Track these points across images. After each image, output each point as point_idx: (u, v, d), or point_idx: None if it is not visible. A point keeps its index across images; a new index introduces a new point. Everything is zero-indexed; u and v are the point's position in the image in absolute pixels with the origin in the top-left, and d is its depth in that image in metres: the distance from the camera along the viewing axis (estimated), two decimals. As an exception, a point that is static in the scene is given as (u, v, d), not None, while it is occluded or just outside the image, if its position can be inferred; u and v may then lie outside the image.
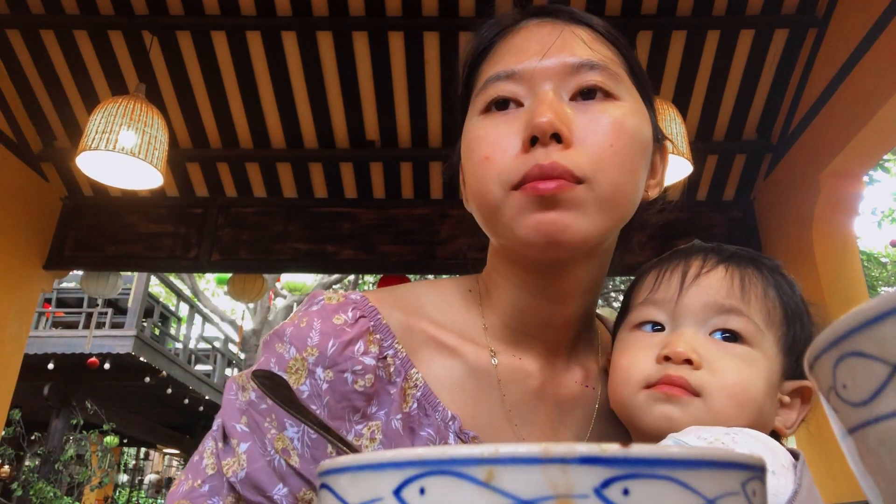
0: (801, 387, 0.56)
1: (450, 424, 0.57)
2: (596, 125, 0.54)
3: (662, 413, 0.53)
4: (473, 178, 0.57)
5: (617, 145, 0.54)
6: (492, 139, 0.56)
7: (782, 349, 0.55)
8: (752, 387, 0.53)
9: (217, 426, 0.58)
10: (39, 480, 7.85)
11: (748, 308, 0.55)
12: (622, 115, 0.55)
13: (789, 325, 0.56)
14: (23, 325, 3.67)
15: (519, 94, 0.57)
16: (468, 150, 0.58)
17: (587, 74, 0.56)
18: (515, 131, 0.55)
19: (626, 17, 3.09)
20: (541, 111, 0.53)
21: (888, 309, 0.20)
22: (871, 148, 2.86)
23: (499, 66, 0.58)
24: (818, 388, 0.25)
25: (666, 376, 0.53)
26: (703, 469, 0.20)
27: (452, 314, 0.64)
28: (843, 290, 2.99)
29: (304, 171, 3.73)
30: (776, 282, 0.58)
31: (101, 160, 2.73)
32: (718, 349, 0.54)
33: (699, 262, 0.58)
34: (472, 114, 0.60)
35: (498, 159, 0.55)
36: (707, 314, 0.55)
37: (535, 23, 0.60)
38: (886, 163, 9.73)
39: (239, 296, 4.51)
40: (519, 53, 0.58)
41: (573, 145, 0.53)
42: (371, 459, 0.22)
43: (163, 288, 12.32)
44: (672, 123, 2.65)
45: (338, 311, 0.59)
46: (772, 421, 0.55)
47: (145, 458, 14.12)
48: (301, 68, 3.30)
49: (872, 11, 2.63)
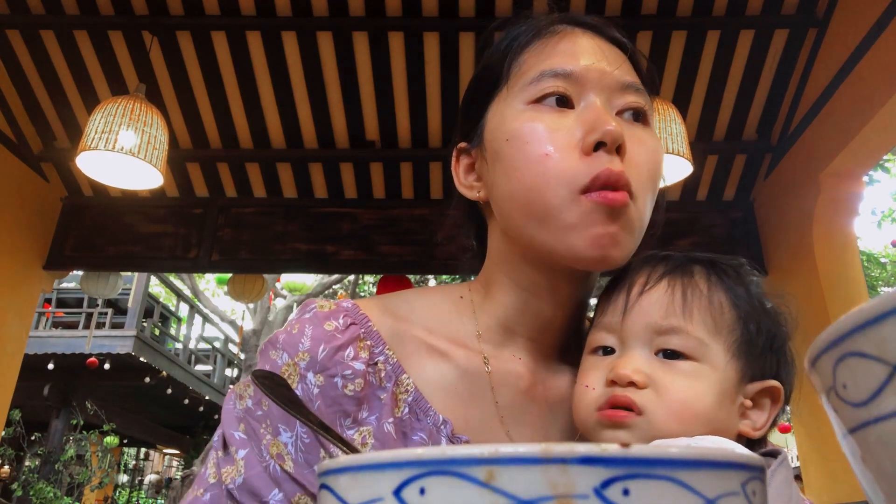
0: (766, 387, 0.56)
1: (441, 429, 0.58)
2: (641, 148, 0.57)
3: (611, 438, 0.54)
4: (527, 174, 0.56)
5: (653, 172, 0.58)
6: (549, 135, 0.56)
7: (735, 354, 0.55)
8: (697, 402, 0.53)
9: (218, 436, 0.59)
10: (39, 481, 7.85)
11: (689, 323, 0.55)
12: (657, 144, 0.60)
13: (744, 328, 0.56)
14: (23, 325, 3.67)
15: (573, 94, 0.58)
16: (518, 140, 0.57)
17: (633, 96, 0.59)
18: (571, 130, 0.56)
19: (626, 17, 3.10)
20: (607, 119, 0.55)
21: (888, 309, 0.20)
22: (871, 148, 2.86)
23: (553, 61, 0.59)
24: (818, 388, 0.25)
25: (612, 397, 0.55)
26: (703, 469, 0.20)
27: (443, 319, 0.65)
28: (843, 290, 2.99)
29: (304, 171, 3.74)
30: (727, 286, 0.57)
31: (101, 160, 2.73)
32: (662, 368, 0.54)
33: (642, 280, 0.57)
34: (514, 101, 0.60)
35: (561, 158, 0.55)
36: (649, 335, 0.55)
37: (580, 30, 0.62)
38: (886, 163, 9.73)
39: (239, 296, 4.51)
40: (572, 57, 0.59)
41: (625, 160, 0.56)
42: (371, 459, 0.22)
43: (163, 288, 12.31)
44: (672, 123, 2.65)
45: (329, 318, 0.60)
46: (732, 427, 0.55)
47: (145, 458, 14.11)
48: (301, 68, 3.30)
49: (872, 12, 2.63)
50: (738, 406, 0.55)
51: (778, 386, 0.56)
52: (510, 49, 0.63)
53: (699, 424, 0.53)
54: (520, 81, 0.60)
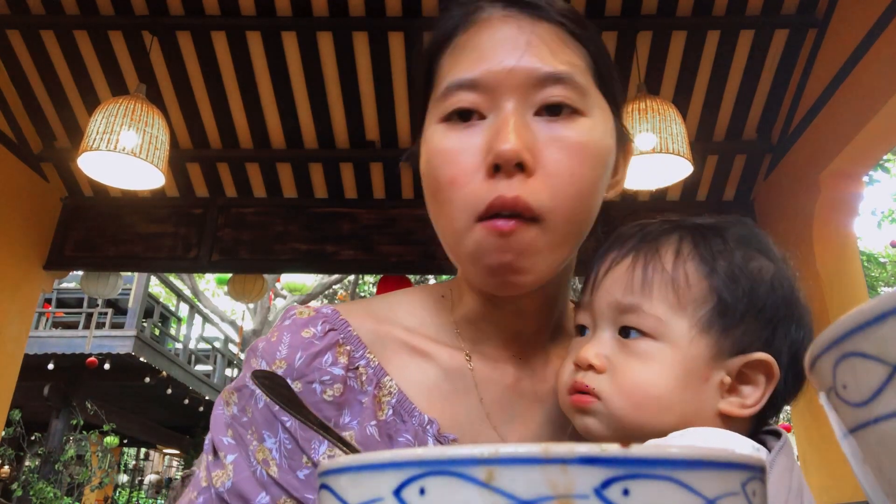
0: (754, 361, 0.51)
1: (427, 429, 0.58)
2: (559, 148, 0.53)
3: (581, 424, 0.54)
4: (439, 202, 0.56)
5: (578, 172, 0.53)
6: (456, 158, 0.54)
7: (704, 329, 0.51)
8: (652, 384, 0.51)
9: (209, 440, 0.60)
10: (39, 481, 7.85)
11: (649, 301, 0.52)
12: (586, 135, 0.54)
13: (719, 299, 0.52)
14: (23, 326, 3.67)
15: (481, 105, 0.54)
16: (431, 164, 0.56)
17: (553, 89, 0.53)
18: (479, 149, 0.53)
19: (626, 17, 3.10)
20: (504, 136, 0.51)
21: (888, 309, 0.20)
22: (871, 148, 2.86)
23: (460, 68, 0.55)
24: (818, 388, 0.25)
25: (574, 383, 0.54)
26: (704, 469, 0.20)
27: (425, 319, 0.65)
28: (843, 290, 2.99)
29: (304, 171, 3.74)
30: (703, 255, 0.53)
31: (102, 160, 2.73)
32: (621, 350, 0.53)
33: (612, 254, 0.56)
34: (432, 117, 0.57)
35: (463, 184, 0.53)
36: (613, 314, 0.54)
37: (499, 16, 0.56)
38: (886, 163, 9.73)
39: (239, 296, 4.51)
40: (481, 56, 0.54)
41: (535, 173, 0.52)
42: (371, 460, 0.22)
43: (163, 288, 12.31)
44: (672, 123, 2.65)
45: (307, 324, 0.61)
46: (709, 408, 0.51)
47: (145, 458, 14.12)
48: (301, 68, 3.30)
49: (872, 12, 2.63)
50: (718, 384, 0.51)
51: (766, 359, 0.51)
52: (430, 54, 0.60)
53: (659, 408, 0.50)
54: (436, 93, 0.57)
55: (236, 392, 0.60)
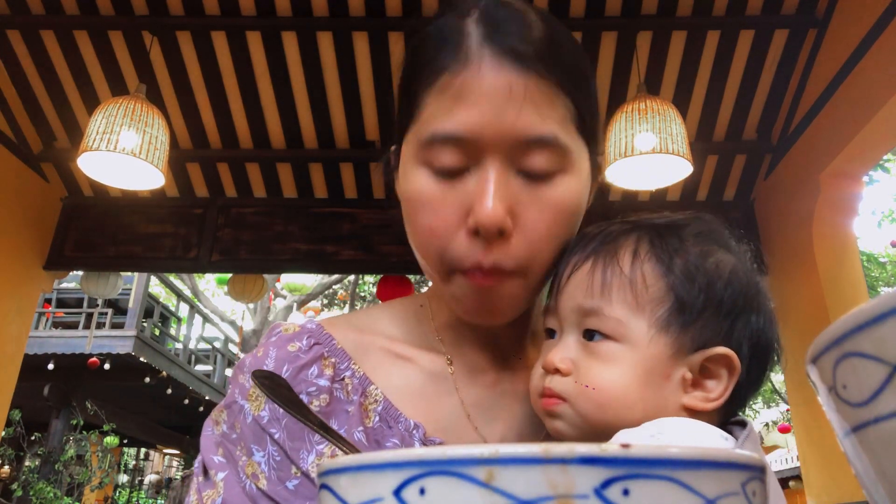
0: (713, 355, 0.52)
1: (414, 433, 0.59)
2: (539, 209, 0.54)
3: (551, 426, 0.55)
4: (418, 243, 0.58)
5: (556, 230, 0.55)
6: (437, 209, 0.55)
7: (662, 328, 0.52)
8: (613, 385, 0.52)
9: (199, 462, 0.60)
10: (39, 481, 7.85)
11: (608, 303, 0.53)
12: (566, 194, 0.55)
13: (676, 298, 0.52)
14: (23, 326, 3.67)
15: (466, 160, 0.54)
16: (412, 205, 0.57)
17: (537, 154, 0.53)
18: (460, 204, 0.54)
19: (626, 17, 3.10)
20: (486, 203, 0.52)
21: (888, 309, 0.20)
22: (871, 148, 2.86)
23: (446, 116, 0.53)
24: (818, 387, 0.25)
25: (542, 387, 0.55)
26: (704, 469, 0.20)
27: (406, 327, 0.67)
28: (843, 290, 2.99)
29: (304, 171, 3.74)
30: (659, 255, 0.54)
31: (102, 161, 2.73)
32: (584, 352, 0.54)
33: (575, 258, 0.56)
34: (412, 154, 0.57)
35: (442, 235, 0.55)
36: (576, 317, 0.54)
37: (489, 64, 0.53)
38: (886, 163, 9.73)
39: (239, 296, 4.51)
40: (468, 110, 0.52)
41: (515, 234, 0.54)
42: (371, 460, 0.22)
43: (163, 288, 12.31)
44: (672, 123, 2.65)
45: (293, 339, 0.63)
46: (672, 404, 0.52)
47: (145, 458, 14.11)
48: (301, 68, 3.30)
49: (872, 12, 2.63)
50: (680, 380, 0.52)
51: (726, 353, 0.52)
52: (413, 80, 0.57)
53: (623, 408, 0.51)
54: (419, 132, 0.56)
55: (225, 409, 0.61)
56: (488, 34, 0.54)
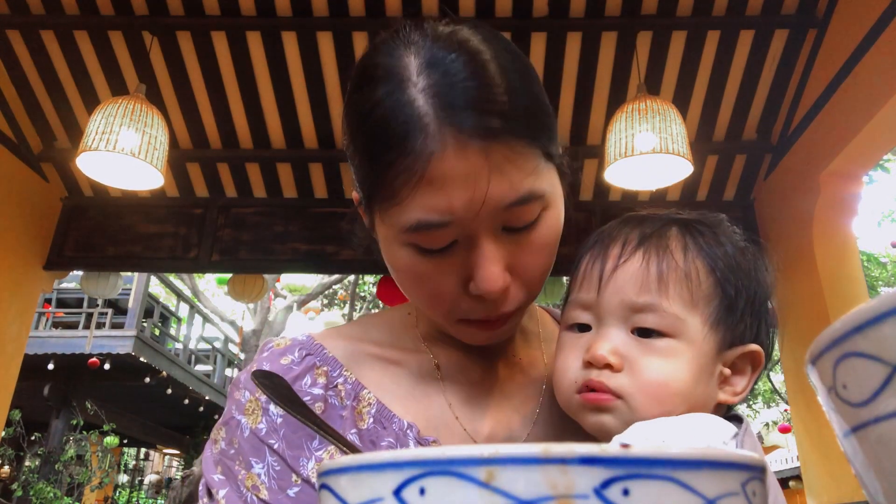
0: (746, 352, 0.54)
1: (408, 433, 0.60)
2: (528, 253, 0.56)
3: (595, 421, 0.54)
4: (418, 304, 0.61)
5: (546, 264, 0.58)
6: (431, 279, 0.56)
7: (714, 325, 0.53)
8: (674, 380, 0.51)
9: (202, 485, 0.61)
10: (39, 481, 7.85)
11: (665, 299, 0.52)
12: (550, 230, 0.56)
13: (723, 294, 0.53)
14: (23, 326, 3.67)
15: (451, 237, 0.53)
16: (402, 277, 0.58)
17: (517, 211, 0.53)
18: (454, 270, 0.55)
19: (626, 17, 3.09)
20: (484, 273, 0.53)
21: (888, 309, 0.20)
22: (870, 148, 2.86)
23: (421, 204, 0.51)
24: (818, 388, 0.25)
25: (588, 381, 0.53)
26: (704, 469, 0.20)
27: (394, 334, 0.69)
28: (843, 290, 2.99)
29: (304, 171, 3.73)
30: (704, 250, 0.54)
31: (101, 161, 2.73)
32: (639, 347, 0.53)
33: (616, 251, 0.55)
34: (392, 235, 0.55)
35: (445, 300, 0.57)
36: (625, 312, 0.53)
37: (452, 148, 0.49)
38: (886, 163, 9.72)
39: (239, 296, 4.50)
40: (444, 192, 0.50)
41: (513, 282, 0.56)
42: (371, 460, 0.22)
43: (163, 288, 12.31)
44: (672, 123, 2.65)
45: (285, 353, 0.64)
46: (711, 399, 0.54)
47: (145, 458, 14.11)
48: (301, 68, 3.30)
49: (872, 12, 2.63)
50: (717, 375, 0.53)
51: (758, 350, 0.54)
52: (375, 154, 0.53)
53: (678, 403, 0.52)
54: (397, 216, 0.53)
55: (224, 426, 0.62)
56: (446, 117, 0.49)
